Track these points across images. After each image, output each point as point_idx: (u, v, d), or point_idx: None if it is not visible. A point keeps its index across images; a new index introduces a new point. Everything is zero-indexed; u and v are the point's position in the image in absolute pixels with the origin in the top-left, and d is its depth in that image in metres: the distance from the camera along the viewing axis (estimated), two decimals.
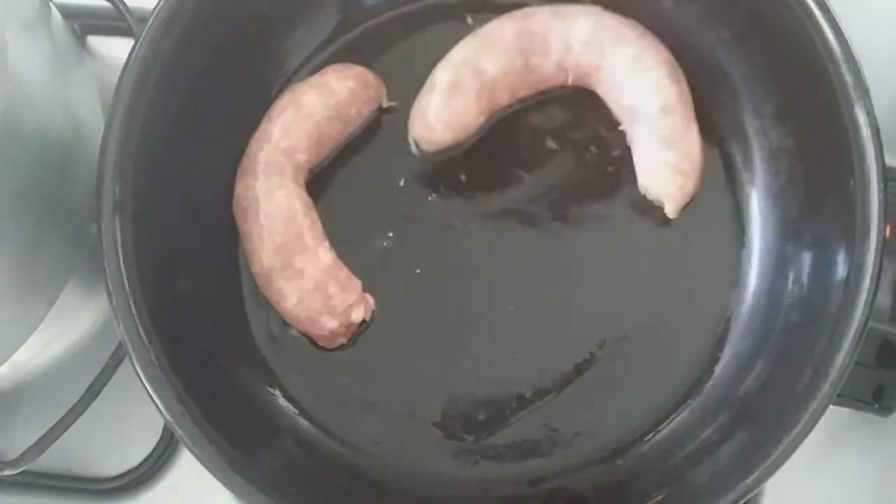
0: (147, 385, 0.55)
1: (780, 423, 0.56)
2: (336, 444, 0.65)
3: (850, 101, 0.57)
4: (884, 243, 0.56)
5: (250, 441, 0.60)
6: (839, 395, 0.56)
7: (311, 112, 0.65)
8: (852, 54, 0.58)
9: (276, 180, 0.64)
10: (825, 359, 0.56)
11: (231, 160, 0.66)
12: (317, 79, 0.67)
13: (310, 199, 0.66)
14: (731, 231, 0.67)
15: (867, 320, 0.56)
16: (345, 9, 0.70)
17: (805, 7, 0.59)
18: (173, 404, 0.55)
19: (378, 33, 0.70)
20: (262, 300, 0.66)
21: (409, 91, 0.68)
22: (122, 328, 0.56)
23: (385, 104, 0.69)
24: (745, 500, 0.55)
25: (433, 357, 0.66)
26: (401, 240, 0.67)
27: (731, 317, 0.66)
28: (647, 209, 0.67)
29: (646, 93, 0.65)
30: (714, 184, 0.67)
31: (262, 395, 0.65)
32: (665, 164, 0.66)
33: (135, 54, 0.59)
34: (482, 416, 0.65)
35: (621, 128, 0.68)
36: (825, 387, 0.55)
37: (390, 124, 0.69)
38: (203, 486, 0.71)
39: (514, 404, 0.65)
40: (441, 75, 0.66)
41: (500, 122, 0.69)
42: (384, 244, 0.67)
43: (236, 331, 0.66)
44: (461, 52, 0.67)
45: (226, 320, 0.65)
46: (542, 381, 0.65)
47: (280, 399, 0.65)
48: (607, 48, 0.66)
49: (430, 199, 0.68)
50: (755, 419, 0.60)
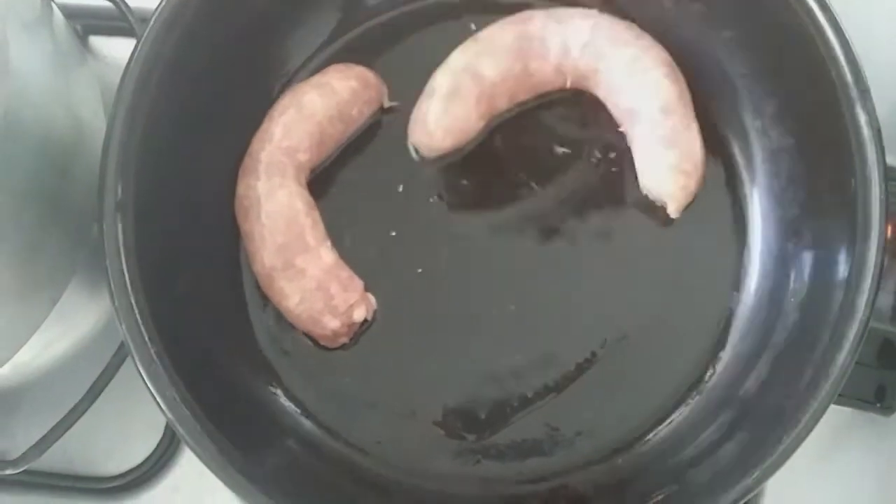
0: (149, 384, 0.55)
1: (780, 423, 0.56)
2: (337, 444, 0.65)
3: (851, 100, 0.57)
4: (885, 243, 0.56)
5: (252, 440, 0.60)
6: (840, 394, 0.56)
7: (312, 112, 0.65)
8: (853, 54, 0.58)
9: (278, 180, 0.64)
10: (826, 358, 0.56)
11: (233, 160, 0.66)
12: (318, 79, 0.67)
13: (311, 199, 0.66)
14: (732, 231, 0.67)
15: (868, 320, 0.56)
16: (346, 9, 0.70)
17: (806, 7, 0.59)
18: (175, 403, 0.55)
19: (379, 33, 0.70)
20: (264, 300, 0.66)
21: (410, 91, 0.68)
22: (124, 328, 0.56)
23: (386, 104, 0.69)
24: (745, 499, 0.55)
25: (435, 356, 0.66)
26: (402, 239, 0.67)
27: (731, 316, 0.66)
28: (648, 209, 0.67)
29: (645, 94, 0.65)
30: (715, 184, 0.67)
31: (263, 394, 0.65)
32: (666, 164, 0.65)
33: (136, 54, 0.59)
34: (483, 416, 0.65)
35: (621, 129, 0.68)
36: (826, 386, 0.55)
37: (391, 124, 0.69)
38: (205, 485, 0.71)
39: (516, 403, 0.65)
40: (440, 81, 0.66)
41: (501, 125, 0.69)
42: (386, 244, 0.67)
43: (238, 330, 0.66)
44: (460, 58, 0.66)
45: (227, 320, 0.66)
46: (543, 381, 0.65)
47: (281, 398, 0.65)
48: (605, 50, 0.66)
49: (431, 198, 0.68)
50: (756, 419, 0.60)
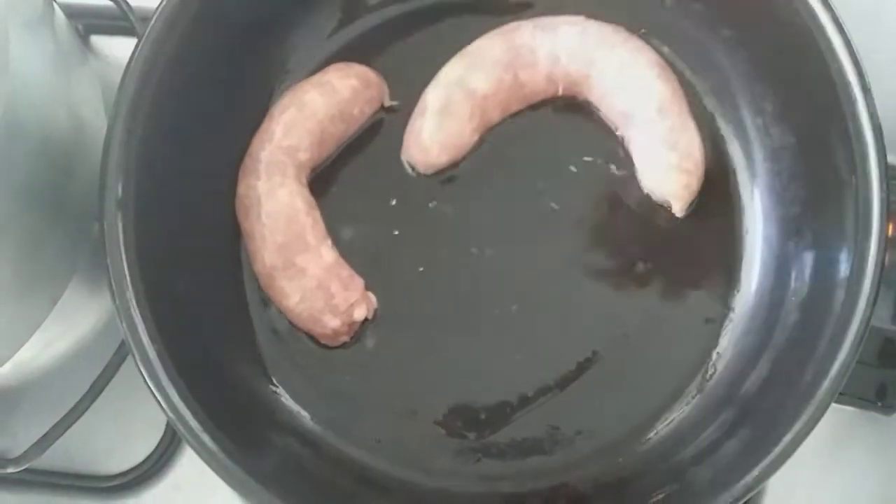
0: (150, 383, 0.56)
1: (781, 422, 0.56)
2: (338, 442, 0.65)
3: (852, 98, 0.57)
4: (886, 241, 0.56)
5: (252, 438, 0.60)
6: (842, 393, 0.56)
7: (313, 111, 0.65)
8: (854, 52, 0.58)
9: (279, 179, 0.64)
10: (827, 357, 0.56)
11: (233, 159, 0.66)
12: (319, 78, 0.67)
13: (312, 198, 0.66)
14: (733, 230, 0.67)
15: (869, 319, 0.56)
16: (346, 8, 0.70)
17: (807, 4, 0.58)
18: (176, 402, 0.55)
19: (379, 32, 0.70)
20: (265, 299, 0.66)
21: (411, 90, 0.68)
22: (124, 326, 0.56)
23: (387, 103, 0.69)
24: (746, 498, 0.55)
25: (435, 355, 0.66)
26: (403, 238, 0.67)
27: (732, 315, 0.66)
28: (651, 209, 0.67)
29: (639, 95, 0.65)
30: (715, 183, 0.67)
31: (264, 392, 0.65)
32: (668, 164, 0.65)
33: (138, 54, 0.59)
34: (484, 415, 0.65)
35: (618, 133, 0.67)
36: (827, 385, 0.55)
37: (392, 123, 0.69)
38: (206, 483, 0.70)
39: (516, 403, 0.65)
40: (432, 97, 0.66)
41: (498, 129, 0.68)
42: (386, 243, 0.67)
43: (238, 329, 0.66)
44: (450, 72, 0.66)
45: (228, 319, 0.66)
46: (543, 380, 0.65)
47: (282, 397, 0.65)
48: (595, 55, 0.66)
49: (432, 198, 0.68)
50: (757, 417, 0.60)
